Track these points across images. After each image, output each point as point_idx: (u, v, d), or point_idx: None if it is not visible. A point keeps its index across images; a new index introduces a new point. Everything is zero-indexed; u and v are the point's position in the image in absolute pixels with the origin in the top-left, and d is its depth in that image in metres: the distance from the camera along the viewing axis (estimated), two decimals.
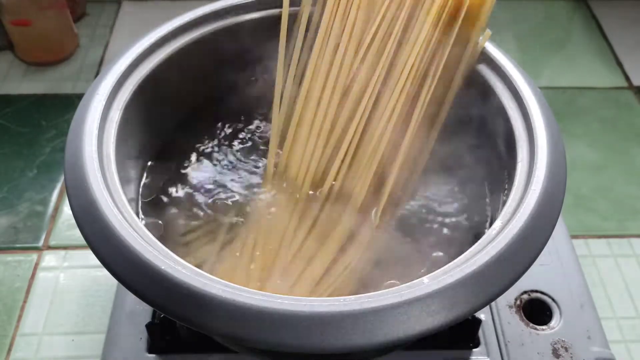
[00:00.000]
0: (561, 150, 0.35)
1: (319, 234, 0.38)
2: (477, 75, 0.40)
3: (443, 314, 0.28)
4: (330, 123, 0.40)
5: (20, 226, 0.56)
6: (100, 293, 0.51)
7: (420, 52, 0.38)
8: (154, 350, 0.40)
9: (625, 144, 0.66)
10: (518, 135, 0.36)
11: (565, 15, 0.83)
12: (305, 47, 0.41)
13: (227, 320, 0.27)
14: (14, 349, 0.48)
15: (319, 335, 0.27)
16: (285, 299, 0.28)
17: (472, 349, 0.40)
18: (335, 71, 0.40)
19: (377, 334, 0.27)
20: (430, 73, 0.39)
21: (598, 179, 0.62)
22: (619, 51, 0.77)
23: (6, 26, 0.69)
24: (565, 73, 0.74)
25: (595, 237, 0.57)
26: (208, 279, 0.28)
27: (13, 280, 0.52)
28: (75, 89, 0.70)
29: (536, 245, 0.31)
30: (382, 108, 0.39)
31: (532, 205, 0.31)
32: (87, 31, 0.77)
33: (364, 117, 0.39)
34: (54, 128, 0.65)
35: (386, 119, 0.39)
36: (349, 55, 0.39)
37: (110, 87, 0.37)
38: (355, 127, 0.39)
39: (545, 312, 0.42)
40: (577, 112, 0.69)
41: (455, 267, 0.29)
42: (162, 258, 0.29)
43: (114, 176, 0.33)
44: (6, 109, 0.67)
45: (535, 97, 0.37)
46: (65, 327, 0.49)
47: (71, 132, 0.35)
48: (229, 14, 0.43)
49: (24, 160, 0.62)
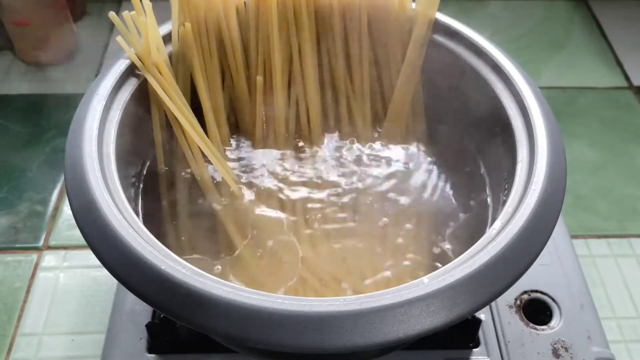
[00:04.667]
0: (561, 150, 0.35)
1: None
2: (477, 75, 0.40)
3: (443, 314, 0.28)
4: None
5: (20, 226, 0.56)
6: (100, 293, 0.51)
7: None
8: (154, 350, 0.40)
9: (625, 144, 0.66)
10: (518, 135, 0.36)
11: (565, 15, 0.83)
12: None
13: (227, 320, 0.27)
14: (14, 349, 0.48)
15: (319, 335, 0.27)
16: (286, 299, 0.28)
17: (472, 349, 0.40)
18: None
19: (377, 334, 0.27)
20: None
21: (598, 179, 0.62)
22: (619, 51, 0.77)
23: (6, 26, 0.69)
24: (565, 73, 0.74)
25: (595, 237, 0.57)
26: (208, 279, 0.28)
27: (13, 280, 0.52)
28: (75, 89, 0.70)
29: (536, 245, 0.31)
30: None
31: (532, 205, 0.31)
32: (87, 31, 0.77)
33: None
34: (54, 128, 0.65)
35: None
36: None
37: (110, 87, 0.37)
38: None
39: (545, 312, 0.42)
40: (577, 112, 0.69)
41: (455, 267, 0.29)
42: (162, 258, 0.29)
43: (114, 176, 0.33)
44: (6, 109, 0.67)
45: (535, 97, 0.37)
46: (65, 327, 0.49)
47: (71, 132, 0.35)
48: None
49: (24, 160, 0.62)
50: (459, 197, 0.41)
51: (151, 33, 0.38)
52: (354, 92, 0.45)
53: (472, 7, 0.83)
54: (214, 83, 0.42)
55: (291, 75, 0.44)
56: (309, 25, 0.43)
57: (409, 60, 0.43)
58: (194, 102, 0.42)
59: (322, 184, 0.42)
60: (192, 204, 0.40)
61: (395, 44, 0.44)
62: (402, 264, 0.37)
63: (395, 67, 0.44)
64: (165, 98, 0.38)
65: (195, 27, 0.40)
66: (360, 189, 0.41)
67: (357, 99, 0.45)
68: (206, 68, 0.42)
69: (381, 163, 0.43)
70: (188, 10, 0.40)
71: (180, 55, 0.41)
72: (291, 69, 0.44)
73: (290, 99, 0.44)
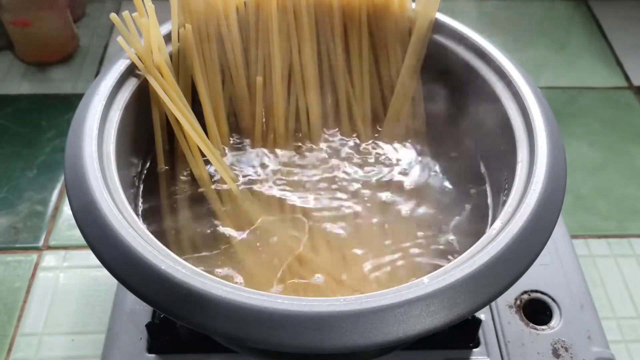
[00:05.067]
0: (561, 150, 0.35)
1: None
2: (477, 75, 0.40)
3: (443, 314, 0.28)
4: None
5: (20, 226, 0.56)
6: (100, 293, 0.51)
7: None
8: (154, 350, 0.40)
9: (625, 144, 0.66)
10: (518, 135, 0.36)
11: (565, 15, 0.83)
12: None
13: (227, 320, 0.27)
14: (14, 349, 0.48)
15: (319, 335, 0.27)
16: (286, 298, 0.28)
17: (472, 349, 0.40)
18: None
19: (377, 334, 0.27)
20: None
21: (598, 179, 0.62)
22: (619, 51, 0.77)
23: (6, 26, 0.69)
24: (565, 73, 0.74)
25: (595, 237, 0.57)
26: (208, 279, 0.28)
27: (13, 280, 0.52)
28: (75, 89, 0.70)
29: (536, 245, 0.31)
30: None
31: (532, 205, 0.31)
32: (87, 31, 0.77)
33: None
34: (54, 128, 0.65)
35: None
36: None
37: (110, 87, 0.37)
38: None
39: (545, 312, 0.42)
40: (577, 112, 0.69)
41: (455, 267, 0.29)
42: (162, 258, 0.29)
43: (114, 176, 0.33)
44: (6, 109, 0.67)
45: (535, 97, 0.37)
46: (65, 327, 0.49)
47: (71, 132, 0.35)
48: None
49: (24, 160, 0.62)
50: (458, 197, 0.41)
51: (153, 34, 0.38)
52: (354, 91, 0.45)
53: (472, 7, 0.83)
54: (214, 83, 0.42)
55: (291, 75, 0.44)
56: (309, 25, 0.43)
57: (409, 60, 0.43)
58: (195, 100, 0.42)
59: (321, 183, 0.42)
60: (192, 204, 0.40)
61: (395, 44, 0.44)
62: (402, 263, 0.37)
63: (395, 67, 0.44)
64: (166, 99, 0.38)
65: (195, 27, 0.40)
66: (359, 188, 0.41)
67: (357, 98, 0.45)
68: (206, 68, 0.42)
69: (381, 162, 0.43)
70: (188, 11, 0.40)
71: (181, 56, 0.41)
72: (291, 68, 0.44)
73: (290, 98, 0.44)
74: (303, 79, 0.44)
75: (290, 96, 0.44)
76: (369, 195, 0.41)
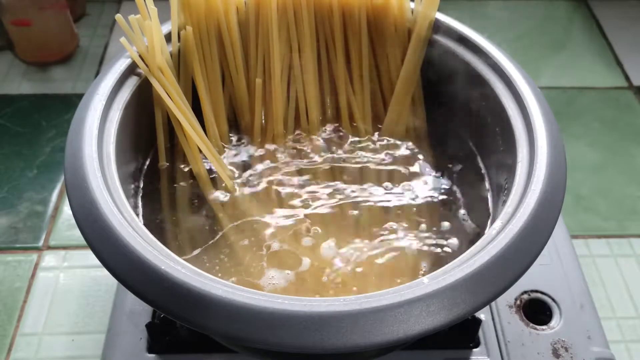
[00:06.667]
0: (561, 150, 0.35)
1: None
2: (477, 75, 0.40)
3: (443, 314, 0.28)
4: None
5: (20, 226, 0.56)
6: (100, 293, 0.51)
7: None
8: (154, 350, 0.40)
9: (625, 144, 0.66)
10: (518, 135, 0.36)
11: (565, 15, 0.83)
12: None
13: (227, 320, 0.27)
14: (14, 349, 0.48)
15: (319, 335, 0.27)
16: (285, 298, 0.28)
17: (472, 349, 0.40)
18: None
19: (377, 334, 0.27)
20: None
21: (598, 179, 0.62)
22: (619, 51, 0.77)
23: (6, 26, 0.69)
24: (565, 73, 0.74)
25: (595, 237, 0.57)
26: (208, 279, 0.28)
27: (13, 280, 0.52)
28: (75, 89, 0.70)
29: (536, 245, 0.31)
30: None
31: (532, 205, 0.31)
32: (87, 31, 0.77)
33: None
34: (54, 128, 0.65)
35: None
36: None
37: (110, 87, 0.37)
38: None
39: (545, 312, 0.42)
40: (577, 112, 0.69)
41: (455, 267, 0.29)
42: (162, 258, 0.29)
43: (114, 176, 0.33)
44: (6, 109, 0.67)
45: (535, 97, 0.37)
46: (65, 327, 0.49)
47: (71, 132, 0.35)
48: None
49: (24, 160, 0.62)
50: (458, 197, 0.41)
51: (156, 37, 0.38)
52: (353, 91, 0.45)
53: (472, 7, 0.83)
54: (214, 83, 0.42)
55: (290, 75, 0.44)
56: (309, 25, 0.43)
57: (409, 60, 0.43)
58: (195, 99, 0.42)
59: (320, 181, 0.42)
60: (192, 203, 0.40)
61: (394, 44, 0.44)
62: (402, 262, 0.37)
63: (395, 67, 0.44)
64: (167, 100, 0.38)
65: (195, 27, 0.40)
66: (359, 187, 0.41)
67: (357, 98, 0.45)
68: (206, 69, 0.42)
69: (381, 162, 0.43)
70: (188, 11, 0.40)
71: (182, 57, 0.41)
72: (291, 68, 0.44)
73: (290, 97, 0.44)
74: (303, 79, 0.44)
75: (290, 96, 0.44)
76: (368, 193, 0.41)
